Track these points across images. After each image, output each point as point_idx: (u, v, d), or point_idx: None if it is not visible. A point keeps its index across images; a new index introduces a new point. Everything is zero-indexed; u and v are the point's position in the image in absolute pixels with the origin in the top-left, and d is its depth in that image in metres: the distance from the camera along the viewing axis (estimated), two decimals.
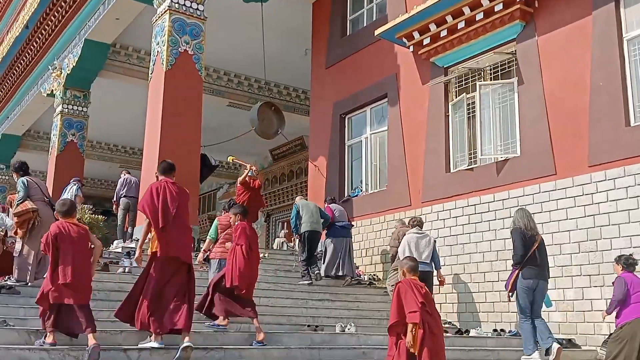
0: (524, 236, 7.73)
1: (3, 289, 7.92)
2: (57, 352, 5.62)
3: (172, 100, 12.07)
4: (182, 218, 6.74)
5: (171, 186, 6.80)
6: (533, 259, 7.72)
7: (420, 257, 9.02)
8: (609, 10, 9.04)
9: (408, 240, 9.41)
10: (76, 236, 6.48)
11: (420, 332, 5.51)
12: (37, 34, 18.03)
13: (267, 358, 6.60)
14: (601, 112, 8.90)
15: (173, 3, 12.29)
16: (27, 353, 5.51)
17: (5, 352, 5.45)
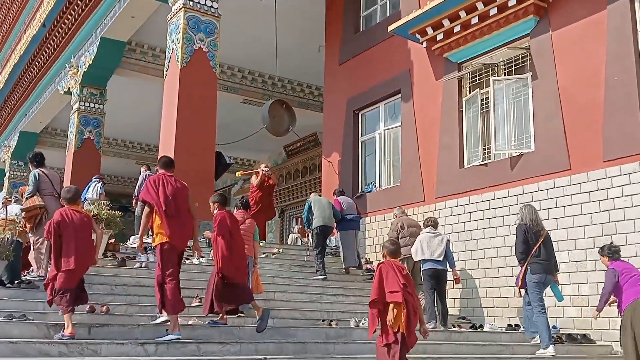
0: (527, 233, 7.90)
1: (22, 283, 7.99)
2: (76, 346, 5.66)
3: (187, 98, 12.10)
4: (181, 210, 6.96)
5: (169, 179, 7.06)
6: (539, 253, 7.88)
7: (432, 255, 9.26)
8: (624, 4, 8.95)
9: (421, 240, 9.52)
10: (79, 223, 6.65)
11: (404, 312, 5.71)
12: (54, 33, 18.14)
13: (283, 352, 6.61)
14: (616, 106, 8.83)
15: (188, 1, 12.32)
16: (47, 347, 5.56)
17: (25, 346, 5.51)
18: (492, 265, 10.13)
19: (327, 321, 8.31)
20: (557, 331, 8.82)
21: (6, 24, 27.81)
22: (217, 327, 7.05)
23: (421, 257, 9.41)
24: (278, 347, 6.69)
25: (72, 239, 6.45)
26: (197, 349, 6.16)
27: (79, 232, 6.55)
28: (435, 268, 9.29)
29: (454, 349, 7.71)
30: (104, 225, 9.78)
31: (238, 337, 6.85)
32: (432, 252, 9.33)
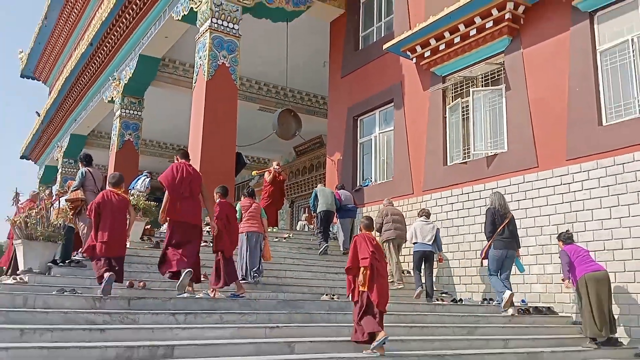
0: (495, 215, 8.36)
1: (72, 262, 8.03)
2: (118, 315, 5.70)
3: (212, 106, 12.11)
4: (194, 192, 7.51)
5: (187, 167, 7.62)
6: (503, 232, 8.31)
7: (424, 239, 9.51)
8: (584, 26, 8.90)
9: (415, 227, 9.71)
10: (117, 204, 6.92)
11: (369, 273, 6.01)
12: (99, 50, 18.17)
13: (292, 321, 6.62)
14: (577, 113, 8.79)
15: (213, 23, 12.31)
16: (93, 316, 5.60)
17: (74, 315, 5.54)
18: (470, 248, 10.11)
19: (330, 295, 8.31)
20: (526, 304, 8.82)
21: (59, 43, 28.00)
22: (236, 300, 7.06)
23: (415, 240, 9.61)
24: (288, 316, 6.71)
25: (108, 217, 6.78)
26: (220, 318, 6.19)
27: (116, 212, 6.86)
28: (423, 250, 9.50)
29: (438, 319, 7.71)
30: (141, 213, 9.83)
31: (255, 308, 6.87)
32: (423, 237, 9.54)
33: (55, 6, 26.14)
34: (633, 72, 8.32)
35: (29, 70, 32.22)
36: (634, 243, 7.75)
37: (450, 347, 6.63)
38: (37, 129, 26.83)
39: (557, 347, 7.29)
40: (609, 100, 8.58)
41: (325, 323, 6.75)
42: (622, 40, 8.50)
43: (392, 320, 7.24)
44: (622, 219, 7.92)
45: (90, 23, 19.82)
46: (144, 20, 15.40)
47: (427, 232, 9.60)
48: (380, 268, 6.16)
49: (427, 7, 11.76)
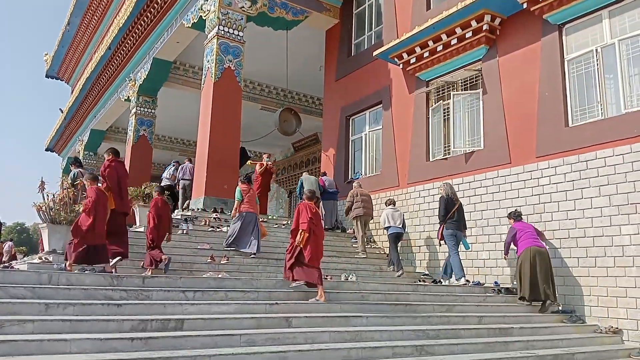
0: (447, 202, 9.01)
1: None
2: (133, 292, 5.70)
3: (219, 105, 12.08)
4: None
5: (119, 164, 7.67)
6: (453, 216, 9.01)
7: (395, 223, 10.12)
8: (554, 37, 8.91)
9: (386, 213, 10.27)
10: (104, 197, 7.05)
11: (306, 235, 6.75)
12: (117, 54, 18.07)
13: (290, 298, 6.64)
14: (546, 115, 8.81)
15: (220, 30, 12.26)
16: (111, 292, 5.61)
17: (94, 292, 5.55)
18: None
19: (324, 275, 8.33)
20: (498, 286, 8.87)
21: (81, 46, 27.79)
22: (240, 279, 7.07)
23: (388, 224, 10.16)
24: (286, 294, 6.73)
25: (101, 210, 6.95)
26: (225, 296, 6.20)
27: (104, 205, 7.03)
28: (396, 232, 10.11)
29: (420, 297, 7.76)
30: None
31: (256, 287, 6.89)
32: (395, 221, 10.15)
33: (77, 13, 25.95)
34: (597, 79, 8.33)
35: (53, 71, 32.02)
36: (595, 232, 7.79)
37: (430, 322, 6.67)
38: (61, 124, 26.72)
39: (526, 323, 7.35)
40: (574, 103, 8.60)
41: None
42: (587, 50, 8.51)
43: (378, 298, 7.30)
44: (585, 211, 7.96)
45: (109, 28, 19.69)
46: (158, 27, 15.32)
47: (397, 217, 10.21)
48: (317, 231, 6.87)
49: (413, 18, 11.75)
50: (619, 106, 8.02)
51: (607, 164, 7.79)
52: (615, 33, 8.20)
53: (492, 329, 6.74)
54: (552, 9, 8.72)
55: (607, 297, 7.54)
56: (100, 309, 5.10)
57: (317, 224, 6.91)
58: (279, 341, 5.20)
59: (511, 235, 8.21)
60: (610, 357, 6.59)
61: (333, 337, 5.55)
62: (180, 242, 9.14)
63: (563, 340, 6.79)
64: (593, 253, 7.78)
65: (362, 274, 9.46)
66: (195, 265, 8.07)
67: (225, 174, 11.74)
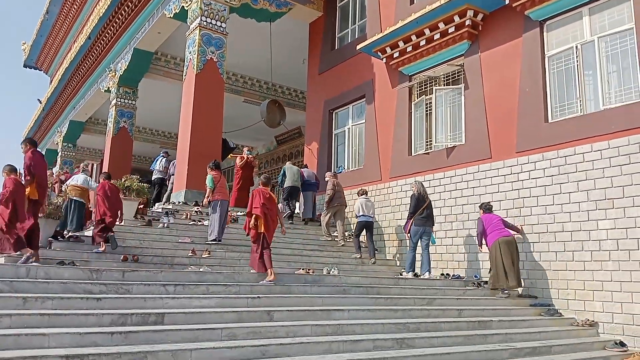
0: (417, 200, 9.32)
1: (71, 237, 7.92)
2: (113, 286, 5.65)
3: (200, 97, 11.99)
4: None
5: None
6: (422, 213, 9.31)
7: (367, 212, 10.44)
8: (535, 33, 9.01)
9: (360, 202, 10.56)
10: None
11: (263, 219, 7.24)
12: (97, 44, 17.79)
13: (272, 292, 6.65)
14: (526, 111, 8.92)
15: (202, 21, 12.14)
16: (90, 286, 5.55)
17: (73, 285, 5.49)
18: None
19: (306, 270, 8.35)
20: (478, 279, 8.99)
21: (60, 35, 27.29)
22: (221, 273, 7.04)
23: (361, 213, 10.44)
24: (268, 288, 6.73)
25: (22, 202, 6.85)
26: (206, 289, 6.18)
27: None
28: (366, 220, 10.41)
29: (401, 291, 7.82)
30: (135, 194, 9.71)
31: (238, 280, 6.88)
32: (367, 210, 10.46)
33: (56, 1, 25.45)
34: (576, 76, 8.46)
35: (32, 60, 31.41)
36: (573, 226, 7.93)
37: (411, 315, 6.74)
38: (39, 115, 26.24)
39: (504, 316, 7.47)
40: (554, 99, 8.72)
41: (301, 294, 6.80)
42: (567, 47, 8.62)
43: (360, 292, 7.35)
44: (564, 205, 8.10)
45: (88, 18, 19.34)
46: (139, 17, 15.10)
47: (369, 207, 10.55)
48: (270, 215, 7.36)
49: (396, 12, 11.77)
50: (597, 102, 8.15)
51: (585, 159, 7.92)
52: (595, 30, 8.32)
53: (471, 322, 6.83)
54: (534, 5, 8.81)
55: (583, 291, 7.70)
56: (79, 303, 5.04)
57: (271, 209, 7.40)
58: (261, 335, 5.21)
59: (481, 227, 8.52)
60: (586, 349, 6.73)
61: (315, 330, 5.58)
62: (161, 235, 9.07)
63: (541, 333, 6.92)
64: (571, 247, 7.92)
65: (344, 267, 9.50)
66: (176, 259, 8.02)
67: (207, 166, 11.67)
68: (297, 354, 4.94)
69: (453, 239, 9.63)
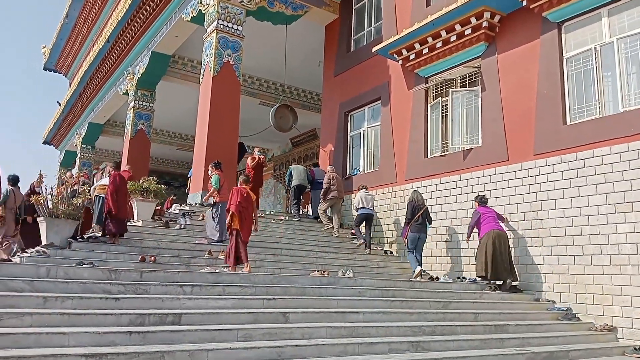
0: (412, 207, 9.77)
1: (90, 238, 8.04)
2: (131, 286, 5.71)
3: (217, 99, 12.08)
4: None
5: None
6: (418, 220, 9.71)
7: (367, 205, 10.99)
8: (553, 35, 8.93)
9: (360, 196, 11.11)
10: None
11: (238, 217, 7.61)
12: (115, 47, 18.02)
13: (287, 294, 6.67)
14: (544, 113, 8.84)
15: (219, 24, 12.24)
16: (109, 286, 5.62)
17: (92, 285, 5.56)
18: (447, 232, 10.19)
19: (321, 271, 8.37)
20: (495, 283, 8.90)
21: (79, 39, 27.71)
22: (238, 274, 7.09)
23: (360, 205, 11.00)
24: (284, 289, 6.75)
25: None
26: (222, 290, 6.22)
27: None
28: (366, 213, 10.98)
29: (416, 294, 7.78)
30: (152, 195, 9.83)
31: (254, 282, 6.90)
32: (367, 203, 11.02)
33: (75, 5, 25.85)
34: (595, 77, 8.36)
35: (51, 63, 31.91)
36: (591, 230, 7.84)
37: (427, 319, 6.71)
38: (58, 118, 26.66)
39: (521, 320, 7.40)
40: (573, 101, 8.63)
41: (316, 296, 6.80)
42: (586, 48, 8.52)
43: (375, 294, 7.34)
44: (582, 209, 8.00)
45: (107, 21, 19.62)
46: (157, 20, 15.27)
47: (369, 200, 11.07)
48: (245, 213, 7.76)
49: (412, 14, 11.75)
50: (616, 104, 8.04)
51: (604, 162, 7.83)
52: (614, 31, 8.22)
53: (487, 326, 6.78)
54: (551, 6, 8.74)
55: (602, 295, 7.60)
56: (98, 303, 5.12)
57: (247, 207, 7.84)
58: (276, 336, 5.23)
59: (475, 219, 8.79)
60: (604, 355, 6.64)
61: (330, 332, 5.59)
62: (178, 236, 9.17)
63: (558, 338, 6.84)
64: (589, 251, 7.82)
65: (359, 270, 9.50)
66: (193, 260, 8.10)
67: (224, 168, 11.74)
68: (313, 356, 4.96)
69: (469, 242, 9.56)
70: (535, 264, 8.56)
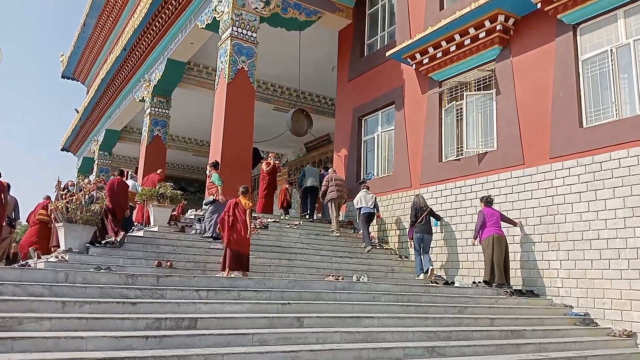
0: (416, 209, 10.11)
1: (108, 243, 8.14)
2: (148, 290, 5.78)
3: (232, 105, 12.17)
4: None
5: None
6: (422, 221, 10.03)
7: (367, 204, 11.32)
8: (568, 37, 8.86)
9: (360, 195, 11.46)
10: None
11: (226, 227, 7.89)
12: (132, 55, 18.27)
13: (302, 298, 6.68)
14: (560, 116, 8.77)
15: (233, 31, 12.35)
16: (126, 291, 5.69)
17: (110, 290, 5.64)
18: (462, 236, 10.14)
19: (335, 276, 8.38)
20: (510, 287, 8.83)
21: (96, 47, 28.14)
22: (252, 279, 7.12)
23: (360, 205, 11.35)
24: (298, 294, 6.77)
25: None
26: (237, 295, 6.26)
27: None
28: (368, 212, 11.32)
29: (431, 299, 7.75)
30: (168, 201, 9.92)
31: (269, 286, 6.94)
32: (367, 202, 11.32)
33: (93, 14, 26.30)
34: (611, 80, 8.27)
35: (69, 71, 32.44)
36: (609, 234, 7.74)
37: (442, 324, 6.68)
38: (76, 125, 27.05)
39: (538, 325, 7.32)
40: (589, 104, 8.55)
41: (330, 301, 6.81)
42: (602, 50, 8.45)
43: (391, 299, 7.32)
44: (599, 212, 7.91)
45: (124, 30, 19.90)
46: (172, 28, 15.47)
47: (369, 199, 11.38)
48: (235, 223, 7.90)
49: (426, 18, 11.74)
50: (633, 107, 7.95)
51: (621, 165, 7.73)
52: (630, 33, 8.14)
53: (504, 331, 6.73)
54: (566, 9, 8.67)
55: (621, 300, 7.48)
56: (115, 308, 5.19)
57: (234, 216, 7.98)
58: (291, 341, 5.25)
59: (481, 220, 8.95)
60: None
61: (345, 337, 5.59)
62: (193, 241, 9.24)
63: (575, 343, 6.76)
64: (607, 255, 7.72)
65: (373, 274, 9.49)
66: (208, 265, 8.16)
67: (239, 174, 11.82)
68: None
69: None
70: (552, 268, 8.47)
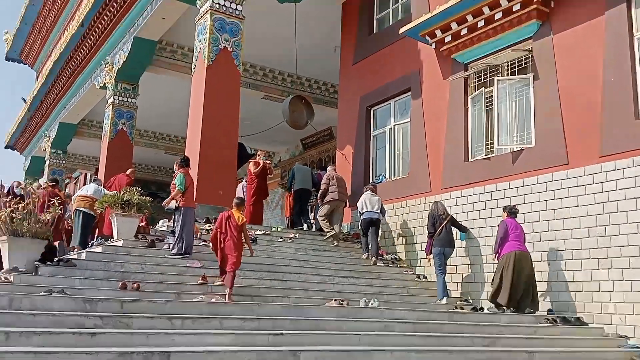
0: (433, 219, 10.34)
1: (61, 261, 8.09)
2: (110, 319, 5.74)
3: (212, 93, 12.15)
4: None
5: None
6: (441, 232, 10.23)
7: (372, 208, 11.57)
8: (621, 10, 8.86)
9: (364, 198, 11.71)
10: None
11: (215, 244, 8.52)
12: (91, 32, 18.24)
13: (299, 328, 6.64)
14: (612, 106, 8.76)
15: (214, 3, 12.34)
16: (83, 319, 5.65)
17: (63, 318, 5.60)
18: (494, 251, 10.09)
19: (339, 301, 8.33)
20: (553, 314, 8.80)
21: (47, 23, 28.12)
22: (238, 304, 7.08)
23: (364, 210, 11.56)
24: (293, 323, 6.73)
25: None
26: (219, 324, 6.23)
27: None
28: (371, 217, 11.49)
29: (456, 328, 7.71)
30: (135, 209, 9.87)
31: (257, 314, 6.89)
32: (372, 206, 11.58)
33: None
34: None
35: (15, 52, 32.39)
36: None
37: (469, 358, 6.64)
38: (23, 117, 27.01)
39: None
40: None
41: (333, 331, 6.77)
42: None
43: (407, 328, 7.29)
44: None
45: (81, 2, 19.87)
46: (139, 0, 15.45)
47: (375, 203, 11.62)
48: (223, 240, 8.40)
49: None
50: None
51: None
52: None
53: None
54: None
55: None
56: (70, 339, 5.13)
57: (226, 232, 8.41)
58: None
59: (503, 231, 9.09)
60: None
61: None
62: (165, 258, 9.19)
63: None
64: None
65: (386, 298, 9.45)
66: (184, 287, 8.11)
67: (221, 175, 11.80)
68: None
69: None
70: (602, 290, 8.44)
